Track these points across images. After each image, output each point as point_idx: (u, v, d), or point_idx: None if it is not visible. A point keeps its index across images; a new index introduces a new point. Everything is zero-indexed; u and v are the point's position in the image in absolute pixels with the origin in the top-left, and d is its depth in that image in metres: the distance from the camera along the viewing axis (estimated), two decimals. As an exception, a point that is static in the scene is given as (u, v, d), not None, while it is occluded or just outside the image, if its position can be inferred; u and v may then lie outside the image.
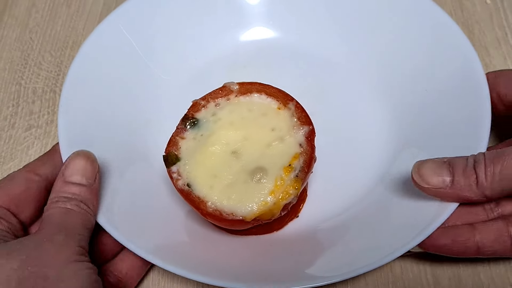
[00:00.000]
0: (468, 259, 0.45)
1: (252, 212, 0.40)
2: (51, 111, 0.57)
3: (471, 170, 0.37)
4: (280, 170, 0.41)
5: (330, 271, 0.39)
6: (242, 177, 0.41)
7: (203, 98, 0.46)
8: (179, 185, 0.42)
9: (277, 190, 0.40)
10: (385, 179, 0.47)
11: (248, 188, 0.41)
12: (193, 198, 0.41)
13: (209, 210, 0.40)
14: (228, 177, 0.42)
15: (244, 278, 0.40)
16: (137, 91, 0.53)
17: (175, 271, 0.39)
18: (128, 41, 0.54)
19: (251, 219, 0.40)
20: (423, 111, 0.49)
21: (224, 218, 0.40)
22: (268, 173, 0.41)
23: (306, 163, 0.41)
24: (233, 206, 0.40)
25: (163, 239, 0.43)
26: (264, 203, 0.40)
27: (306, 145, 0.42)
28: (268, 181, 0.41)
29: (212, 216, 0.40)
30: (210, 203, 0.41)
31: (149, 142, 0.51)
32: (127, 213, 0.44)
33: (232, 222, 0.40)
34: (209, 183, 0.41)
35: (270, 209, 0.40)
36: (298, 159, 0.41)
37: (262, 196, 0.40)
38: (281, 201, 0.40)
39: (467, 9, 0.61)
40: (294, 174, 0.41)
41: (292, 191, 0.40)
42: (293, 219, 0.46)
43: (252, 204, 0.40)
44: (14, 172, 0.43)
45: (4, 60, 0.61)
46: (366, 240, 0.43)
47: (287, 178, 0.40)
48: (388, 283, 0.45)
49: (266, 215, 0.40)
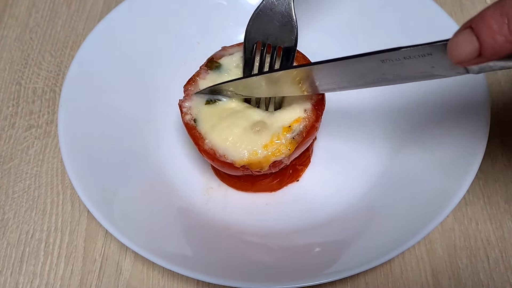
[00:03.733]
0: (467, 257, 0.45)
1: (242, 159, 0.42)
2: (51, 111, 0.57)
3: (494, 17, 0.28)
4: (280, 129, 0.43)
5: (330, 269, 0.39)
6: (244, 125, 0.43)
7: (232, 46, 0.48)
8: (186, 119, 0.44)
9: (270, 145, 0.42)
10: (386, 176, 0.47)
11: (246, 136, 0.43)
12: (195, 134, 0.44)
13: (206, 147, 0.43)
14: (231, 121, 0.44)
15: (244, 277, 0.40)
16: (137, 91, 0.53)
17: (176, 270, 0.39)
18: (127, 41, 0.54)
19: (240, 165, 0.42)
20: (423, 110, 0.49)
21: (217, 158, 0.43)
22: (267, 128, 0.43)
23: (306, 129, 0.43)
24: (227, 149, 0.43)
25: (163, 238, 0.43)
26: (255, 153, 0.42)
27: (311, 113, 0.44)
28: (265, 135, 0.43)
29: (207, 153, 0.43)
30: (207, 140, 0.43)
31: (149, 142, 0.51)
32: (127, 213, 0.44)
33: (223, 163, 0.43)
34: (213, 123, 0.44)
35: (259, 160, 0.42)
36: (299, 123, 0.43)
37: (255, 146, 0.42)
38: (271, 156, 0.42)
39: (467, 9, 0.62)
40: (291, 135, 0.42)
41: (284, 150, 0.42)
42: (293, 182, 0.49)
43: (244, 151, 0.42)
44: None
45: (4, 60, 0.61)
46: (365, 237, 0.43)
47: (283, 137, 0.42)
48: (388, 283, 0.45)
49: (254, 166, 0.42)
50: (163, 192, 0.48)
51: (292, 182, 0.49)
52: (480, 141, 0.42)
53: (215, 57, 0.48)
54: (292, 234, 0.46)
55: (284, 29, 0.45)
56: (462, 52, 0.29)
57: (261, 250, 0.44)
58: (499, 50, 0.28)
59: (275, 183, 0.48)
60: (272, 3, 0.45)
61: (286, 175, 0.49)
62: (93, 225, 0.49)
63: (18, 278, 0.47)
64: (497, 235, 0.47)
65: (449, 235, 0.47)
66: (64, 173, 0.52)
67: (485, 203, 0.48)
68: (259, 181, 0.48)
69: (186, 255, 0.42)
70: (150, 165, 0.50)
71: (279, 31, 0.45)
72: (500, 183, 0.49)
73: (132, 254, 0.47)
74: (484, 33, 0.28)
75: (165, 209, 0.47)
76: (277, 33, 0.45)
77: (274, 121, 0.44)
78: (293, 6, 0.45)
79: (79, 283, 0.46)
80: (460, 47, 0.30)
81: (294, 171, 0.49)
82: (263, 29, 0.46)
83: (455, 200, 0.40)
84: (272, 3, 0.45)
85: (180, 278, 0.46)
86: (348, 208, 0.47)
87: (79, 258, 0.47)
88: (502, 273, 0.45)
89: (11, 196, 0.51)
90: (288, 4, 0.45)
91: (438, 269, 0.45)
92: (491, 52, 0.28)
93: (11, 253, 0.48)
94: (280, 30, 0.45)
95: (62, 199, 0.51)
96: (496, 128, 0.52)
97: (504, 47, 0.28)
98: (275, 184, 0.49)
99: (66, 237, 0.49)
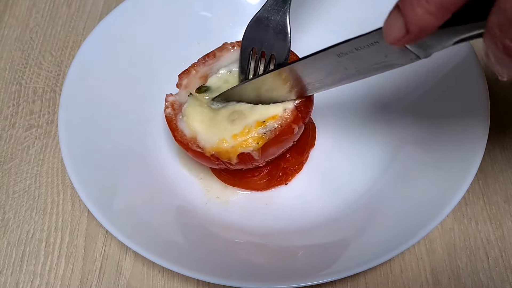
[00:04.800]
0: (467, 256, 0.45)
1: (212, 145, 0.43)
2: (52, 110, 0.57)
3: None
4: (254, 122, 0.43)
5: (331, 268, 0.39)
6: (224, 114, 0.44)
7: (232, 43, 0.49)
8: (166, 112, 0.46)
9: (240, 135, 0.42)
10: (385, 175, 0.47)
11: (221, 123, 0.44)
12: (172, 125, 0.45)
13: (181, 139, 0.44)
14: (214, 111, 0.45)
15: (244, 277, 0.40)
16: (137, 90, 0.53)
17: (176, 270, 0.39)
18: (128, 41, 0.54)
19: (210, 154, 0.43)
20: (422, 111, 0.49)
21: (190, 147, 0.44)
22: (244, 119, 0.43)
23: (280, 127, 0.43)
24: (199, 133, 0.44)
25: (163, 238, 0.43)
26: (224, 141, 0.43)
27: (290, 113, 0.43)
28: (239, 125, 0.43)
29: (181, 142, 0.44)
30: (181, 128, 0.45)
31: (149, 142, 0.51)
32: (127, 213, 0.44)
33: (194, 153, 0.44)
34: (195, 113, 0.45)
35: (227, 150, 0.42)
36: (275, 120, 0.43)
37: (226, 135, 0.43)
38: (238, 146, 0.42)
39: (467, 9, 0.61)
40: (263, 130, 0.43)
41: (253, 143, 0.42)
42: (281, 184, 0.49)
43: (214, 137, 0.43)
44: None
45: (4, 60, 0.61)
46: (366, 236, 0.43)
47: (254, 130, 0.43)
48: (388, 283, 0.45)
49: (223, 155, 0.43)
50: (163, 192, 0.48)
51: (280, 184, 0.49)
52: (480, 141, 0.42)
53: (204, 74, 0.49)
54: (292, 234, 0.46)
55: (278, 38, 0.46)
56: (392, 31, 0.29)
57: (261, 250, 0.44)
58: (423, 24, 0.28)
59: (262, 183, 0.49)
60: (269, 12, 0.46)
61: (275, 176, 0.49)
62: (93, 225, 0.49)
63: (19, 277, 0.47)
64: (497, 235, 0.47)
65: (449, 234, 0.47)
66: (64, 173, 0.52)
67: (485, 203, 0.48)
68: (246, 177, 0.48)
69: (186, 255, 0.42)
70: (150, 165, 0.50)
71: (274, 39, 0.46)
72: (500, 183, 0.49)
73: (132, 254, 0.47)
74: (406, 8, 0.28)
75: (165, 208, 0.47)
76: (271, 41, 0.46)
77: (253, 114, 0.44)
78: (288, 15, 0.45)
79: (79, 282, 0.46)
80: (389, 27, 0.30)
81: (284, 174, 0.49)
82: (259, 36, 0.46)
83: (455, 200, 0.40)
84: (269, 11, 0.46)
85: (180, 278, 0.46)
86: (347, 208, 0.47)
87: (79, 257, 0.47)
88: (501, 272, 0.45)
89: (11, 196, 0.51)
90: (284, 13, 0.45)
91: (438, 269, 0.45)
92: (416, 27, 0.28)
93: (12, 253, 0.48)
94: (274, 38, 0.46)
95: (62, 199, 0.51)
96: (496, 128, 0.52)
97: (425, 20, 0.28)
98: (262, 184, 0.49)
99: (67, 236, 0.49)
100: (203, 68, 0.49)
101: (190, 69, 0.49)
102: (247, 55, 0.47)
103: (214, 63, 0.49)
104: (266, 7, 0.46)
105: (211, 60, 0.49)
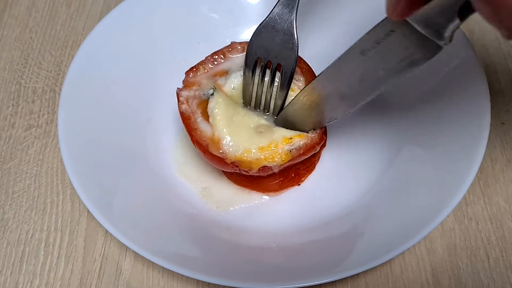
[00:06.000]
0: (468, 256, 0.45)
1: (235, 154, 0.42)
2: (51, 110, 0.57)
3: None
4: (281, 138, 0.43)
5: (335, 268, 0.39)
6: (248, 123, 0.44)
7: (241, 43, 0.49)
8: (182, 108, 0.45)
9: (266, 149, 0.43)
10: (385, 176, 0.47)
11: (247, 133, 0.43)
12: (189, 124, 0.44)
13: (200, 140, 0.43)
14: (237, 118, 0.45)
15: (244, 277, 0.40)
16: (137, 90, 0.53)
17: (176, 270, 0.39)
18: (127, 40, 0.54)
19: (231, 161, 0.42)
20: (423, 110, 0.49)
21: (209, 151, 0.43)
22: (270, 133, 0.43)
23: (306, 147, 0.44)
24: (224, 138, 0.43)
25: (163, 238, 0.43)
26: (249, 152, 0.42)
27: (316, 134, 0.44)
28: (265, 138, 0.43)
29: (199, 144, 0.43)
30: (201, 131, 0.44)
31: (149, 142, 0.51)
32: (127, 213, 0.44)
33: (213, 157, 0.43)
34: (215, 115, 0.44)
35: (250, 161, 0.42)
36: (302, 138, 0.44)
37: (251, 146, 0.43)
38: (263, 160, 0.42)
39: (467, 9, 0.61)
40: (289, 147, 0.43)
41: (277, 159, 0.43)
42: (294, 186, 0.49)
43: (240, 146, 0.43)
44: None
45: (4, 60, 0.61)
46: (367, 235, 0.43)
47: (281, 146, 0.43)
48: (388, 283, 0.45)
49: (244, 164, 0.43)
50: (163, 192, 0.48)
51: (293, 185, 0.49)
52: (480, 141, 0.42)
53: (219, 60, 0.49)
54: (292, 234, 0.46)
55: (285, 47, 0.45)
56: (388, 2, 0.31)
57: (261, 250, 0.44)
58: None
59: (274, 184, 0.48)
60: (275, 21, 0.45)
61: (287, 177, 0.48)
62: (93, 225, 0.49)
63: (18, 277, 0.47)
64: (497, 235, 0.47)
65: (449, 235, 0.47)
66: (64, 173, 0.52)
67: (485, 203, 0.48)
68: (259, 179, 0.48)
69: (186, 255, 0.42)
70: (150, 165, 0.50)
71: (280, 49, 0.45)
72: (501, 183, 0.49)
73: (132, 254, 0.47)
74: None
75: (165, 209, 0.47)
76: (278, 51, 0.45)
77: (279, 130, 0.44)
78: (295, 25, 0.45)
79: (79, 283, 0.46)
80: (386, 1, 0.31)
81: (297, 175, 0.49)
82: (265, 45, 0.46)
83: (456, 200, 0.40)
84: (275, 20, 0.45)
85: (180, 278, 0.46)
86: (348, 207, 0.47)
87: (79, 258, 0.47)
88: (502, 272, 0.45)
89: (11, 196, 0.51)
90: (291, 22, 0.45)
91: (438, 269, 0.45)
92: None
93: (11, 253, 0.48)
94: (281, 48, 0.45)
95: (62, 199, 0.51)
96: (496, 128, 0.52)
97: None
98: (274, 185, 0.48)
99: (66, 237, 0.49)
100: (212, 67, 0.48)
101: (198, 66, 0.48)
102: (251, 65, 0.46)
103: (222, 62, 0.49)
104: (273, 15, 0.45)
105: (220, 59, 0.49)
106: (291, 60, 0.45)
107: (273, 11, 0.45)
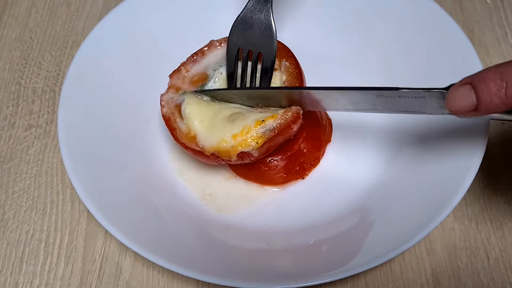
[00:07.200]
0: (468, 257, 0.45)
1: (212, 145, 0.43)
2: (51, 110, 0.57)
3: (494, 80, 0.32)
4: (253, 122, 0.43)
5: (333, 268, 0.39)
6: (224, 114, 0.45)
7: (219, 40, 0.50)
8: (163, 112, 0.46)
9: (240, 135, 0.43)
10: (386, 176, 0.47)
11: (220, 123, 0.44)
12: (170, 124, 0.46)
13: (180, 138, 0.45)
14: (214, 111, 0.45)
15: (244, 277, 0.40)
16: (137, 90, 0.53)
17: (176, 270, 0.39)
18: (127, 40, 0.54)
19: (209, 153, 0.43)
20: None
21: (189, 146, 0.44)
22: (243, 120, 0.44)
23: (280, 127, 0.43)
24: (199, 133, 0.44)
25: (163, 238, 0.43)
26: (223, 141, 0.43)
27: (291, 114, 0.44)
28: (238, 125, 0.43)
29: (180, 142, 0.45)
30: (180, 128, 0.45)
31: (149, 142, 0.51)
32: (127, 213, 0.44)
33: (194, 151, 0.44)
34: (194, 113, 0.45)
35: (227, 149, 0.43)
36: (274, 119, 0.43)
37: (225, 135, 0.43)
38: (238, 146, 0.43)
39: (467, 9, 0.61)
40: (262, 130, 0.43)
41: (252, 143, 0.43)
42: (298, 179, 0.49)
43: (214, 137, 0.43)
44: None
45: (4, 60, 0.61)
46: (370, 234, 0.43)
47: (254, 130, 0.43)
48: (388, 283, 0.45)
49: (223, 154, 0.43)
50: (163, 192, 0.48)
51: (297, 179, 0.49)
52: (480, 141, 0.42)
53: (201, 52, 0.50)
54: (292, 234, 0.46)
55: (264, 35, 0.47)
56: (460, 105, 0.33)
57: (261, 250, 0.44)
58: (494, 110, 0.32)
59: (279, 177, 0.48)
60: (252, 11, 0.47)
61: (292, 171, 0.48)
62: (93, 225, 0.49)
63: (18, 278, 0.47)
64: (497, 235, 0.47)
65: (449, 235, 0.47)
66: (64, 173, 0.52)
67: (485, 203, 0.48)
68: (263, 171, 0.48)
69: (186, 255, 0.42)
70: (150, 165, 0.50)
71: (259, 38, 0.47)
72: (500, 183, 0.49)
73: (132, 254, 0.47)
74: (483, 93, 0.32)
75: (165, 209, 0.47)
76: (257, 40, 0.47)
77: (252, 115, 0.44)
78: (272, 13, 0.46)
79: (79, 283, 0.46)
80: (458, 101, 0.33)
81: (301, 169, 0.49)
82: (244, 36, 0.47)
83: (456, 200, 0.40)
84: (252, 10, 0.47)
85: (180, 278, 0.46)
86: (348, 208, 0.47)
87: (79, 258, 0.47)
88: (502, 272, 0.45)
89: (11, 196, 0.51)
90: (267, 11, 0.46)
91: (438, 269, 0.45)
92: (486, 110, 0.32)
93: (11, 253, 0.48)
94: (260, 37, 0.47)
95: (62, 199, 0.51)
96: (496, 128, 0.52)
97: (499, 107, 0.31)
98: (279, 178, 0.48)
99: (66, 237, 0.49)
100: (193, 67, 0.49)
101: (180, 67, 0.49)
102: (233, 56, 0.48)
103: (202, 60, 0.49)
104: (248, 7, 0.47)
105: (200, 58, 0.49)
106: (271, 48, 0.46)
107: (248, 3, 0.47)
